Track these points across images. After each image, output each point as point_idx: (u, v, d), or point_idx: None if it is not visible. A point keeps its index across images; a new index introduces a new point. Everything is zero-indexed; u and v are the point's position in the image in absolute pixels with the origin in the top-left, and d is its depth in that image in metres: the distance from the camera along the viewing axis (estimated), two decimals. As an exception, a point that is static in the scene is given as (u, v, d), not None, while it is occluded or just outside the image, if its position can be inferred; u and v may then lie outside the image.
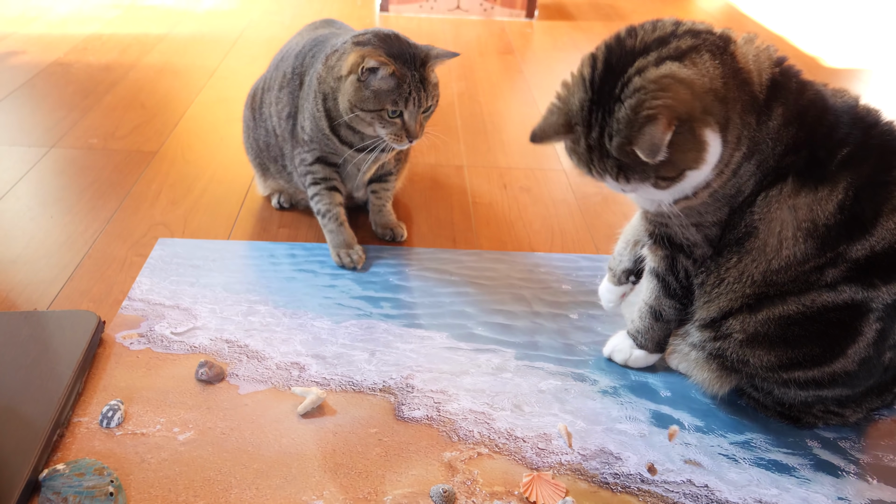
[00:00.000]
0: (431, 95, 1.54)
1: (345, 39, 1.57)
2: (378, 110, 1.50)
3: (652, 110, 1.01)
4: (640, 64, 1.06)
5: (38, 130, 2.16)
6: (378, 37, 1.52)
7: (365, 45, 1.51)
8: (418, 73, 1.50)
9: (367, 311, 1.48)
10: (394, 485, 1.11)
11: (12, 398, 1.19)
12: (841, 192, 1.10)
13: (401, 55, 1.49)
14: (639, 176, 1.07)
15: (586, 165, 1.12)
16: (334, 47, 1.57)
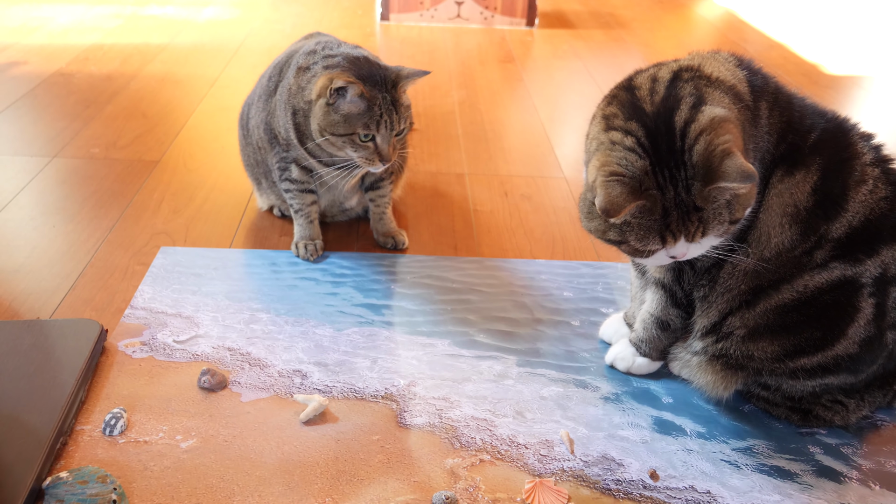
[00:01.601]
0: (403, 118, 1.51)
1: (318, 52, 1.56)
2: (349, 134, 1.47)
3: (724, 145, 1.04)
4: (680, 118, 1.08)
5: (40, 140, 2.16)
6: (348, 59, 1.50)
7: (334, 67, 1.49)
8: (389, 94, 1.47)
9: (368, 319, 1.48)
10: (396, 491, 1.11)
11: (15, 407, 1.19)
12: (814, 174, 1.16)
13: (370, 77, 1.47)
14: (716, 225, 1.07)
15: (658, 232, 1.08)
16: (308, 61, 1.56)
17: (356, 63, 1.49)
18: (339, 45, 1.61)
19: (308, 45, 1.63)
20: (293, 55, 1.65)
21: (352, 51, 1.56)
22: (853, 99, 2.84)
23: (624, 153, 1.08)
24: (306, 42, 1.71)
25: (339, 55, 1.53)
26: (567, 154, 2.25)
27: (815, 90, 2.80)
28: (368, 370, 1.34)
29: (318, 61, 1.54)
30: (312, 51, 1.59)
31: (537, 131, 2.42)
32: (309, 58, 1.58)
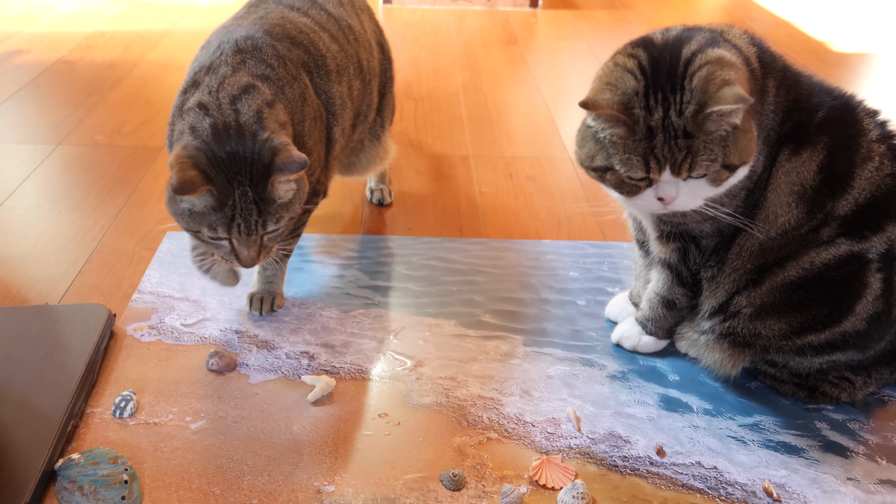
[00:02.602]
0: (273, 218, 1.15)
1: (204, 83, 1.20)
2: (194, 231, 1.16)
3: (727, 77, 1.04)
4: (689, 49, 1.08)
5: (44, 128, 2.17)
6: (214, 125, 1.12)
7: (192, 134, 1.13)
8: (253, 189, 1.11)
9: (375, 301, 1.48)
10: (404, 470, 1.12)
11: (26, 391, 1.20)
12: (820, 152, 1.15)
13: (231, 160, 1.10)
14: (706, 160, 1.06)
15: (643, 156, 1.07)
16: (185, 98, 1.20)
17: (221, 132, 1.12)
18: (243, 60, 1.23)
19: (212, 45, 1.29)
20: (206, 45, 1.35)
21: (239, 91, 1.17)
22: (860, 76, 2.83)
23: (622, 73, 1.09)
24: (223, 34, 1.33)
25: (210, 109, 1.15)
26: (571, 135, 2.23)
27: (822, 68, 2.78)
28: (375, 351, 1.35)
29: (192, 106, 1.17)
30: (205, 68, 1.23)
31: (541, 113, 2.41)
32: (189, 92, 1.21)
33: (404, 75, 2.69)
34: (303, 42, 1.36)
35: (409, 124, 2.29)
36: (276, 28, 1.33)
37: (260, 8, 1.42)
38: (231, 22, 1.39)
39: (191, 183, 1.08)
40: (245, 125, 1.13)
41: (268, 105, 1.17)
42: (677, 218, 1.22)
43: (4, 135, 2.13)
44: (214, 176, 1.10)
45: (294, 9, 1.43)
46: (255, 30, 1.30)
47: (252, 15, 1.39)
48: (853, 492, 1.12)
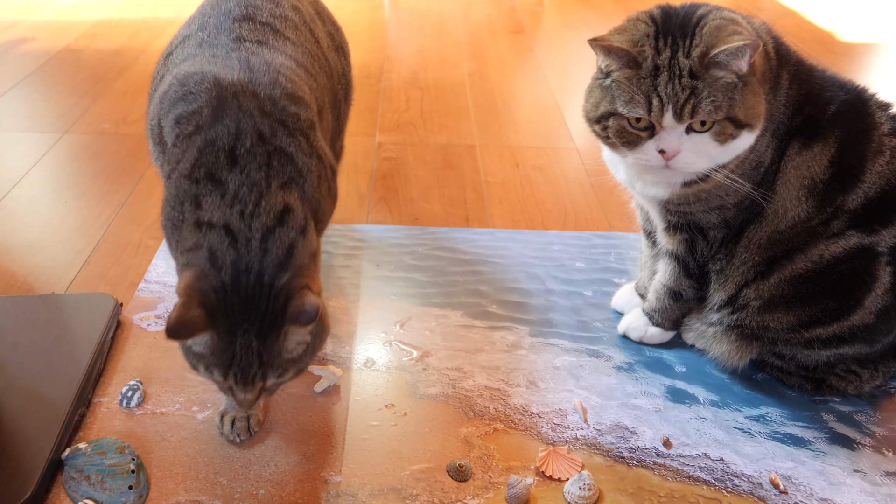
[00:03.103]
0: (276, 371, 0.99)
1: (187, 132, 1.02)
2: (191, 365, 1.01)
3: (739, 30, 1.06)
4: (706, 9, 1.10)
5: (50, 117, 2.17)
6: (236, 264, 0.94)
7: (210, 262, 0.94)
8: (259, 340, 0.95)
9: (381, 291, 1.48)
10: (411, 461, 1.12)
11: (33, 379, 1.20)
12: (831, 146, 1.15)
13: (243, 307, 0.94)
14: (710, 106, 1.05)
15: (645, 93, 1.06)
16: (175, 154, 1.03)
17: (238, 277, 0.93)
18: (269, 156, 1.01)
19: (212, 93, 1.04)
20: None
21: (274, 222, 0.97)
22: (868, 66, 2.81)
23: (635, 22, 1.11)
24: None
25: (238, 241, 0.95)
26: (578, 125, 2.23)
27: (829, 58, 2.76)
28: (382, 341, 1.35)
29: (210, 220, 0.97)
30: (225, 152, 1.00)
31: (548, 102, 2.41)
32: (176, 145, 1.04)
33: (410, 64, 2.68)
34: (301, 97, 1.10)
35: (416, 113, 2.29)
36: (283, 86, 1.07)
37: (221, 38, 1.14)
38: (203, 44, 1.14)
39: (191, 325, 0.91)
40: (268, 267, 0.94)
41: (301, 233, 0.98)
42: (684, 208, 1.22)
43: (10, 123, 2.13)
44: (219, 320, 0.93)
45: (263, 45, 1.15)
46: (271, 90, 1.05)
47: (227, 52, 1.11)
48: (860, 484, 1.12)
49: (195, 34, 1.17)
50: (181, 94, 1.05)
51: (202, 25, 1.18)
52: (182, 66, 1.10)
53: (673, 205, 1.22)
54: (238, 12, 1.18)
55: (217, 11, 1.19)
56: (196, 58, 1.10)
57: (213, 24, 1.16)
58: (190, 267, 0.95)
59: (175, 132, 1.04)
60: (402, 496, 1.06)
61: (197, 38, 1.15)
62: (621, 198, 1.85)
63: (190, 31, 1.19)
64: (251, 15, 1.18)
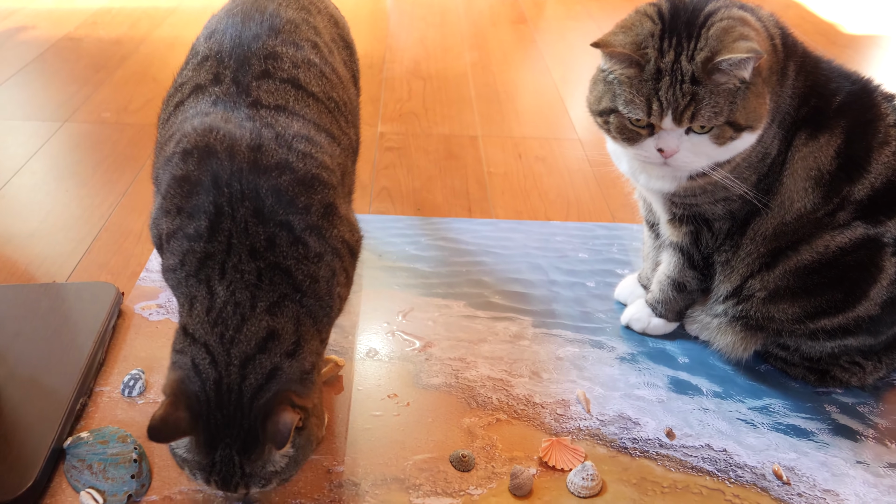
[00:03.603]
0: (259, 482, 0.93)
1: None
2: (177, 461, 0.96)
3: (746, 33, 1.05)
4: (714, 6, 1.09)
5: (50, 105, 2.16)
6: (218, 382, 0.90)
7: (194, 370, 0.91)
8: (240, 455, 0.90)
9: (384, 281, 1.48)
10: (413, 451, 1.12)
11: (35, 368, 1.20)
12: (837, 137, 1.15)
13: (224, 424, 0.89)
14: (710, 111, 1.04)
15: (646, 96, 1.06)
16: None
17: (220, 394, 0.90)
18: (260, 275, 0.93)
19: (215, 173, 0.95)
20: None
21: (255, 349, 0.91)
22: (871, 59, 2.80)
23: (641, 17, 1.10)
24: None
25: (218, 363, 0.90)
26: (581, 115, 2.23)
27: (832, 50, 2.75)
28: (384, 332, 1.35)
29: (192, 337, 0.93)
30: (212, 256, 0.93)
31: (551, 93, 2.40)
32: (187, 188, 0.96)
33: (413, 54, 2.67)
34: (316, 178, 0.99)
35: (418, 104, 2.28)
36: (294, 169, 0.96)
37: (236, 101, 1.02)
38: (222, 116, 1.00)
39: (175, 426, 0.88)
40: (247, 391, 0.89)
41: (288, 356, 0.92)
42: (689, 200, 1.21)
43: (10, 111, 2.12)
44: (201, 429, 0.89)
45: (281, 111, 1.03)
46: (276, 179, 0.94)
47: (241, 122, 0.99)
48: (862, 475, 1.12)
49: (210, 88, 1.04)
50: (183, 194, 0.96)
51: (217, 78, 1.05)
52: (187, 137, 0.99)
53: (678, 197, 1.22)
54: (257, 68, 1.05)
55: (235, 58, 1.06)
56: (209, 117, 1.00)
57: (230, 77, 1.04)
58: (178, 368, 0.92)
59: (175, 227, 0.96)
60: (405, 486, 1.06)
61: (211, 95, 1.03)
62: (624, 189, 1.84)
63: (203, 81, 1.06)
64: (270, 71, 1.05)
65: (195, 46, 1.14)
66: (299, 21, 1.16)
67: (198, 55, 1.10)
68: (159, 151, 1.09)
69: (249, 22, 1.10)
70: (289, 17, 1.14)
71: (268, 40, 1.08)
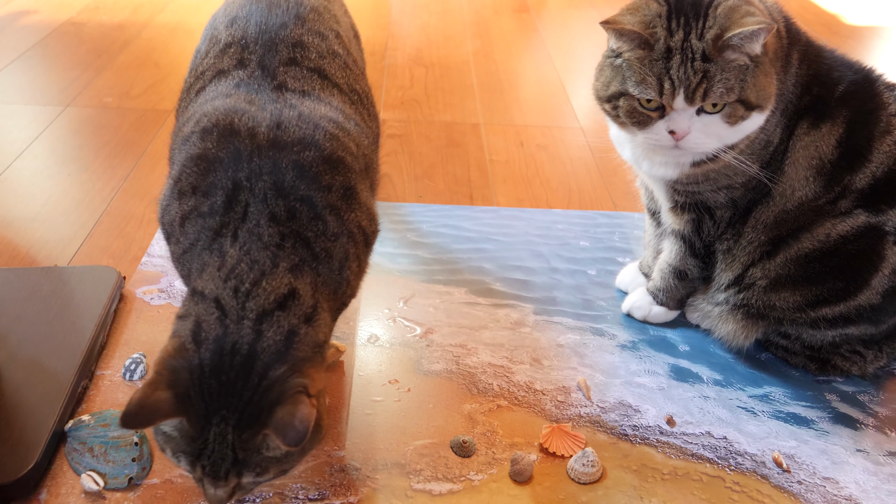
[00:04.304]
0: (254, 470, 0.85)
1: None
2: (160, 445, 0.88)
3: (753, 11, 1.05)
4: None
5: (52, 90, 2.15)
6: (221, 341, 0.83)
7: (192, 336, 0.84)
8: (236, 434, 0.82)
9: (385, 268, 1.48)
10: (414, 436, 1.12)
11: (37, 351, 1.20)
12: (839, 126, 1.15)
13: (223, 392, 0.82)
14: (722, 89, 1.04)
15: (657, 76, 1.05)
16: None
17: (222, 356, 0.82)
18: (283, 238, 0.90)
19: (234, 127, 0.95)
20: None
21: (273, 305, 0.86)
22: (873, 49, 2.79)
23: (646, 1, 1.09)
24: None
25: (227, 317, 0.84)
26: (583, 104, 2.22)
27: (834, 40, 2.74)
28: (386, 318, 1.35)
29: (205, 289, 0.87)
30: (229, 227, 0.90)
31: (553, 81, 2.39)
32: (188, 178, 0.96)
33: (414, 41, 2.67)
34: (341, 159, 0.97)
35: (420, 91, 2.27)
36: (320, 146, 0.95)
37: (262, 83, 1.01)
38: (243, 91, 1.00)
39: (152, 410, 0.80)
40: (261, 353, 0.82)
41: (306, 321, 0.87)
42: (692, 187, 1.21)
43: (12, 96, 2.12)
44: (192, 403, 0.81)
45: (307, 96, 1.02)
46: (300, 154, 0.93)
47: (264, 103, 0.98)
48: (862, 463, 1.12)
49: (233, 72, 1.03)
50: (200, 172, 0.94)
51: (242, 62, 1.04)
52: (207, 116, 0.97)
53: (681, 184, 1.22)
54: (285, 54, 1.04)
55: (261, 44, 1.05)
56: (231, 98, 0.99)
57: (255, 61, 1.03)
58: (174, 337, 0.85)
59: (190, 207, 0.94)
60: (406, 471, 1.07)
61: (234, 78, 1.02)
62: (626, 177, 1.84)
63: (226, 66, 1.05)
64: (298, 59, 1.04)
65: (215, 35, 1.12)
66: (322, 9, 1.15)
67: (219, 42, 1.09)
68: (176, 136, 1.07)
69: (275, 9, 1.10)
70: (312, 4, 1.14)
71: (295, 28, 1.07)
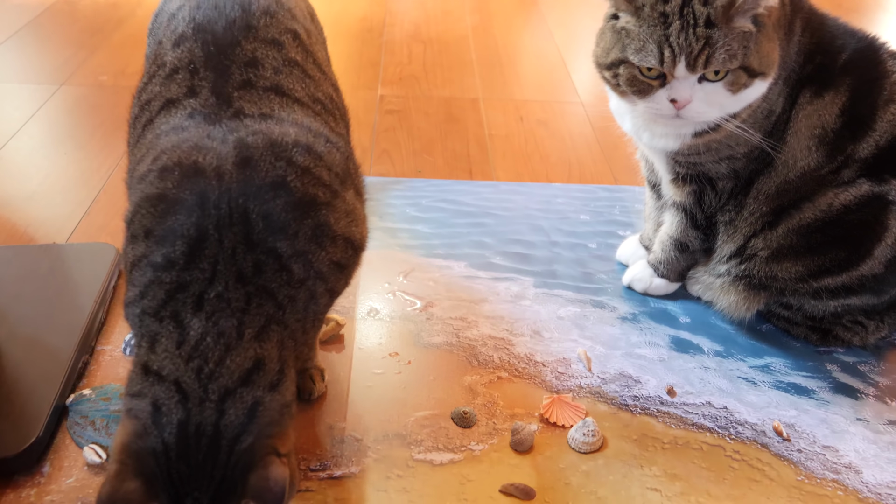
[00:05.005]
0: None
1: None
2: None
3: None
4: None
5: (47, 68, 2.14)
6: (184, 425, 0.77)
7: (152, 419, 0.77)
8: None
9: (385, 242, 1.47)
10: (415, 408, 1.12)
11: (37, 328, 1.20)
12: (843, 95, 1.14)
13: (193, 476, 0.76)
14: (724, 55, 1.02)
15: (657, 42, 1.03)
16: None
17: (186, 440, 0.76)
18: (248, 298, 0.82)
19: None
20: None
21: (237, 382, 0.79)
22: (878, 22, 2.77)
23: None
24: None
25: (189, 401, 0.77)
26: (584, 79, 2.21)
27: (839, 13, 2.71)
28: (386, 291, 1.34)
29: (160, 371, 0.79)
30: (187, 287, 0.81)
31: (553, 56, 2.37)
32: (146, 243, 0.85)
33: (412, 17, 2.64)
34: (313, 197, 0.87)
35: (418, 67, 2.26)
36: (290, 188, 0.85)
37: (217, 112, 0.90)
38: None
39: (125, 502, 0.74)
40: (224, 430, 0.77)
41: (271, 389, 0.80)
42: (693, 158, 1.20)
43: (6, 74, 2.10)
44: (164, 488, 0.76)
45: (268, 119, 0.91)
46: (269, 202, 0.83)
47: (224, 135, 0.86)
48: (862, 432, 1.12)
49: (184, 101, 0.92)
50: (156, 214, 0.84)
51: (192, 90, 0.92)
52: (167, 153, 0.86)
53: (682, 156, 1.21)
54: (237, 77, 0.92)
55: (211, 68, 0.93)
56: (187, 132, 0.88)
57: (207, 88, 0.92)
58: (132, 418, 0.78)
59: (142, 252, 0.85)
60: (407, 442, 1.07)
61: (187, 108, 0.91)
62: (626, 151, 1.83)
63: (175, 95, 0.93)
64: (252, 81, 0.93)
65: (160, 56, 0.98)
66: (274, 9, 1.01)
67: (165, 66, 0.96)
68: (131, 175, 0.95)
69: (223, 19, 0.97)
70: (263, 6, 1.00)
71: (246, 44, 0.95)
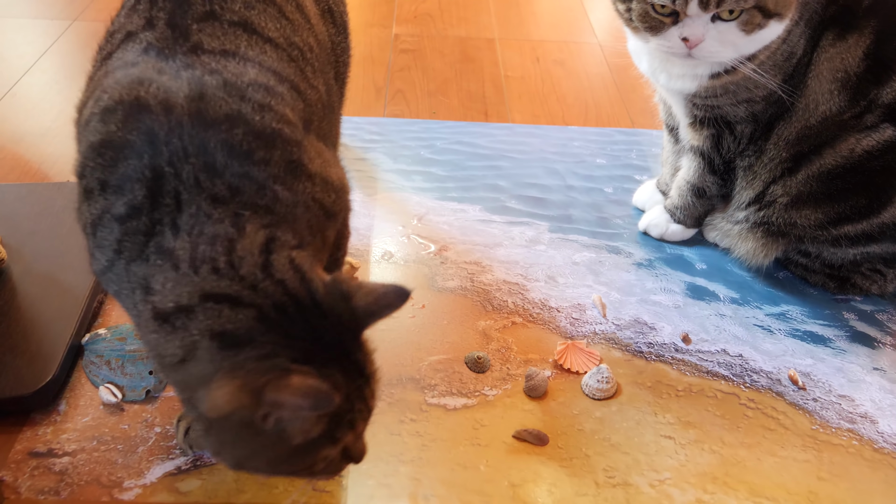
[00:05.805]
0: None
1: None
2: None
3: None
4: None
5: (59, 3, 2.10)
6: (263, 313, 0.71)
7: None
8: (364, 383, 0.81)
9: (399, 185, 1.46)
10: (429, 352, 1.12)
11: (52, 266, 1.20)
12: (867, 37, 1.10)
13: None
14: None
15: None
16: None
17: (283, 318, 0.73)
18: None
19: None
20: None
21: None
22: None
23: None
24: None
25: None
26: (601, 18, 2.16)
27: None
28: (400, 235, 1.34)
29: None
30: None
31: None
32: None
33: (428, -47, 2.58)
34: (276, 133, 0.78)
35: (433, 5, 2.21)
36: (249, 122, 0.76)
37: (173, 47, 0.79)
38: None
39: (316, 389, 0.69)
40: (318, 294, 0.78)
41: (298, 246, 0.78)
42: (711, 101, 1.18)
43: (20, 9, 2.07)
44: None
45: (230, 56, 0.81)
46: (228, 132, 0.74)
47: (177, 70, 0.77)
48: (878, 381, 1.12)
49: (140, 34, 0.82)
50: (106, 163, 0.75)
51: (150, 21, 0.83)
52: (107, 92, 0.78)
53: (699, 98, 1.18)
54: (199, 8, 0.83)
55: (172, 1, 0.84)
56: (136, 67, 0.79)
57: (164, 20, 0.82)
58: (233, 378, 0.69)
59: (102, 207, 0.76)
60: (421, 385, 1.07)
61: (142, 42, 0.81)
62: (644, 93, 1.80)
63: (135, 27, 0.84)
64: (217, 12, 0.83)
65: None
66: None
67: None
68: (78, 124, 0.86)
69: None
70: None
71: None
